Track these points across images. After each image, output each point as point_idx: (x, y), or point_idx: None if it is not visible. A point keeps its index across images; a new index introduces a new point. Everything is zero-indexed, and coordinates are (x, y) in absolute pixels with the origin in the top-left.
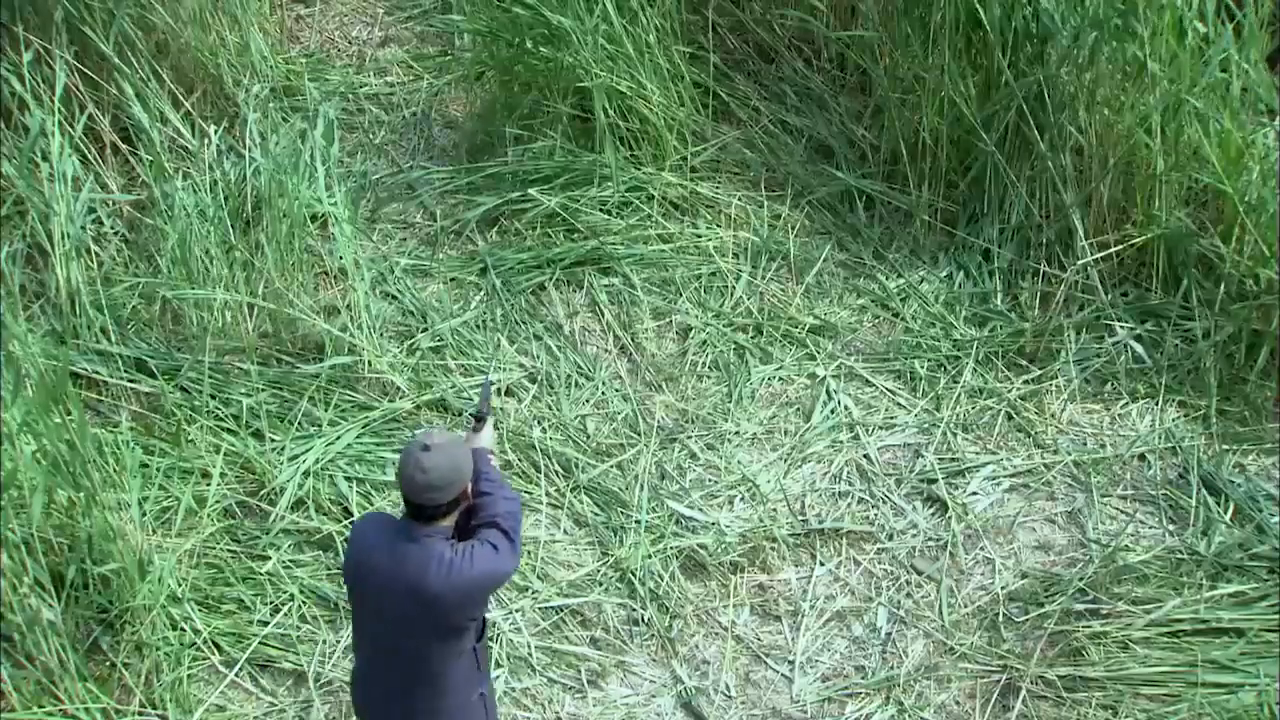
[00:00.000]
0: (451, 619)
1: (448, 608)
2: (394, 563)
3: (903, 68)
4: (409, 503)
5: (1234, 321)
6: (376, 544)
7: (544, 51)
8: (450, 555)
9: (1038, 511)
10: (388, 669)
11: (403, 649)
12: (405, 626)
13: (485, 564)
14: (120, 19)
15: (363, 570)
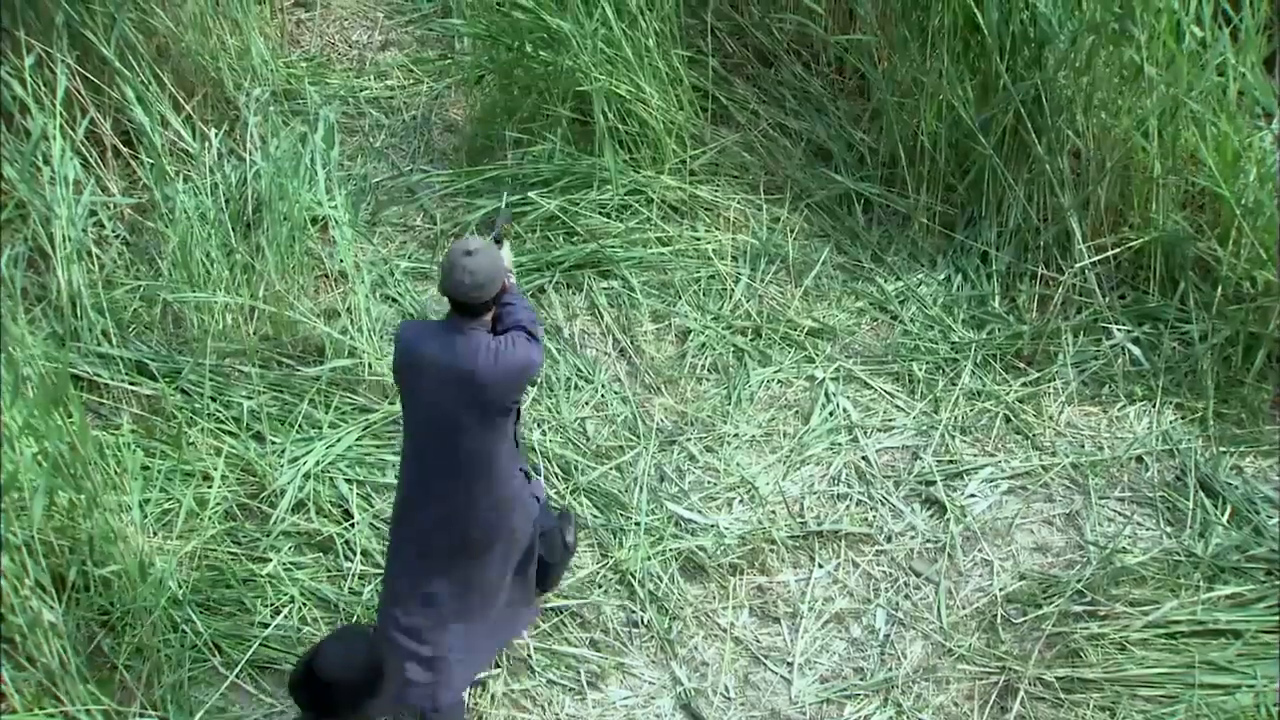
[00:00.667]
0: (501, 400)
1: (497, 390)
2: (446, 354)
3: (901, 71)
4: (456, 303)
5: (1231, 324)
6: (426, 342)
7: (543, 55)
8: (495, 343)
9: (1036, 514)
10: (445, 472)
11: (458, 445)
12: (458, 416)
13: (524, 351)
14: (121, 23)
15: (415, 367)
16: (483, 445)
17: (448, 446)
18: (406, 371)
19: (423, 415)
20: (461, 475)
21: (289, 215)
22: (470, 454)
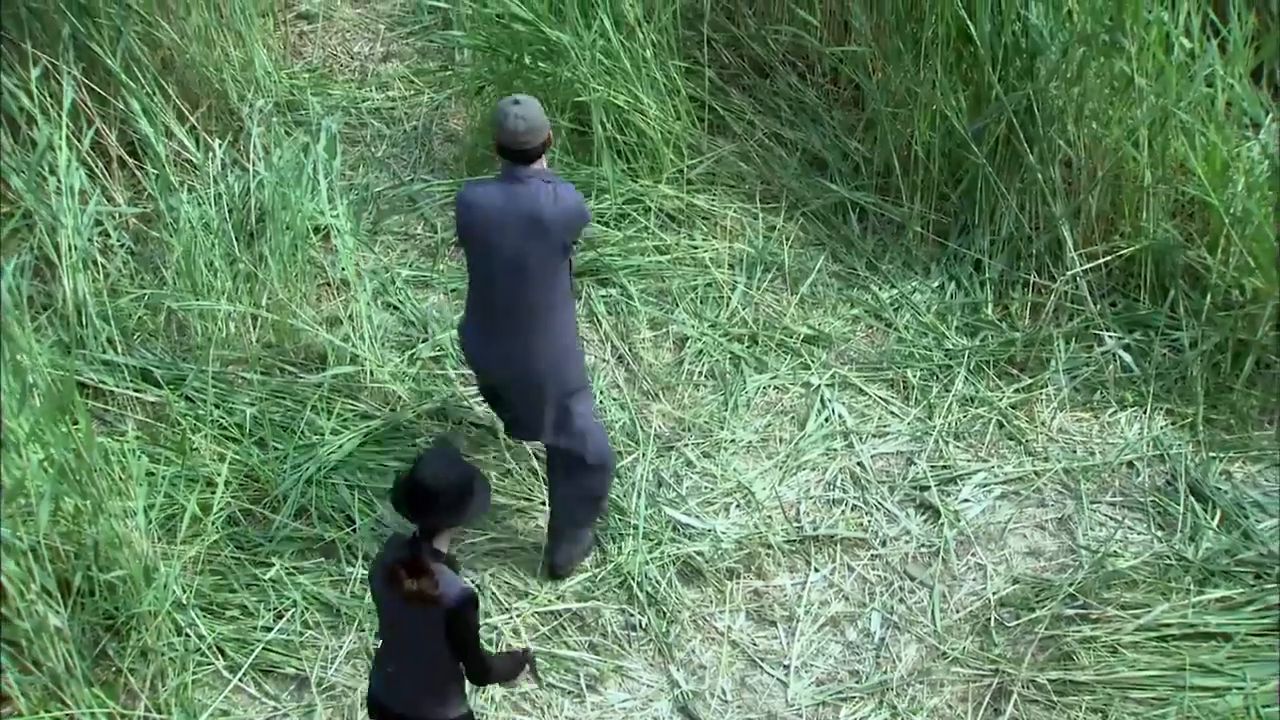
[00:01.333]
0: (562, 237)
1: (558, 227)
2: (509, 201)
3: (895, 82)
4: (511, 152)
5: (1220, 331)
6: (490, 196)
7: (542, 66)
8: (552, 187)
9: (1028, 518)
10: (510, 320)
11: (524, 292)
12: (524, 260)
13: (577, 195)
14: (127, 36)
15: (483, 221)
16: (546, 293)
17: (515, 293)
18: (474, 228)
19: (492, 267)
20: (528, 322)
21: (291, 224)
22: (535, 303)
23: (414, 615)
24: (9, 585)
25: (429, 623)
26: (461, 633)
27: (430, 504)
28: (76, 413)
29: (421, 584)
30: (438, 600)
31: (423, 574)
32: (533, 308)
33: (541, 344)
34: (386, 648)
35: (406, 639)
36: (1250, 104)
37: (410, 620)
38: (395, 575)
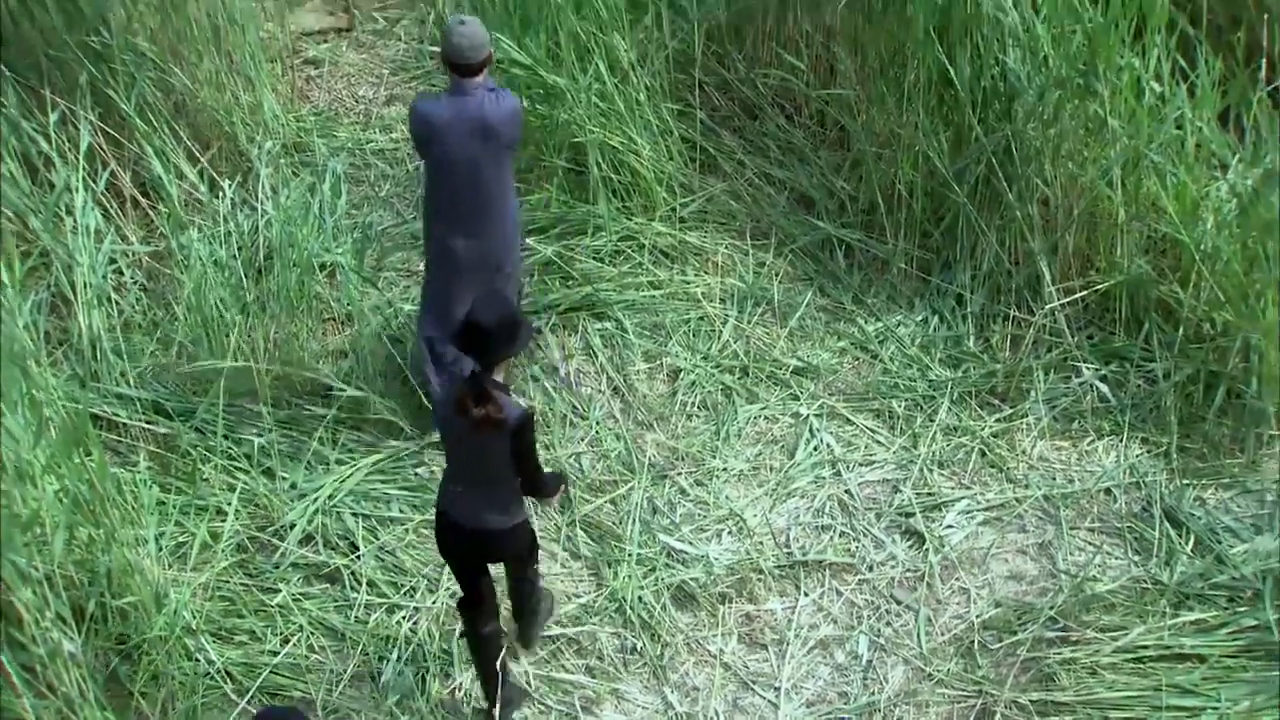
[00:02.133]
0: (508, 135)
1: (503, 126)
2: (457, 110)
3: (879, 123)
4: (457, 65)
5: (1192, 363)
6: (441, 108)
7: (541, 109)
8: (492, 94)
9: (1010, 544)
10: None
11: (479, 185)
12: (477, 158)
13: (513, 98)
14: (141, 82)
15: (437, 129)
16: (497, 185)
17: (474, 191)
18: (430, 135)
19: (450, 171)
20: (484, 215)
21: (298, 261)
22: (488, 194)
23: (480, 438)
24: (25, 613)
25: (493, 442)
26: (522, 447)
27: (487, 340)
28: (90, 445)
29: (488, 409)
30: (503, 421)
31: (488, 400)
32: (487, 198)
33: (496, 229)
34: (453, 471)
35: (473, 460)
36: (1218, 145)
37: (476, 443)
38: (464, 404)
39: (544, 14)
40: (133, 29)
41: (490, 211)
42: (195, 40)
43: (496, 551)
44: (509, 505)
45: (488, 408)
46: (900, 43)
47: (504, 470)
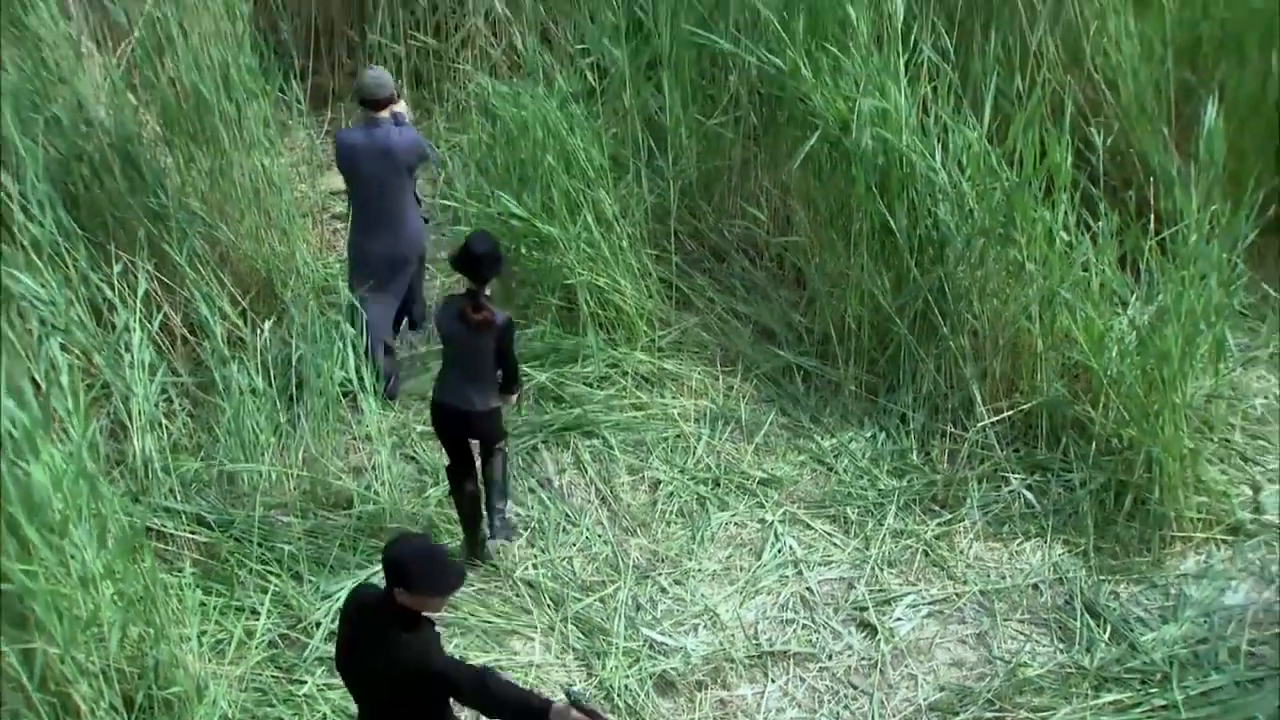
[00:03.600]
0: (408, 160)
1: (404, 153)
2: (368, 139)
3: (830, 266)
4: (366, 101)
5: (1104, 473)
6: (356, 137)
7: (536, 255)
8: (396, 127)
9: (952, 634)
10: (382, 219)
11: (384, 199)
12: (386, 179)
13: (413, 132)
14: (192, 236)
15: (354, 155)
16: (399, 199)
17: (382, 202)
18: (347, 161)
19: (364, 185)
20: (391, 221)
21: (324, 390)
22: (393, 207)
23: (474, 338)
24: (82, 703)
25: (484, 340)
26: (507, 343)
27: (479, 262)
28: (143, 553)
29: (483, 314)
30: (494, 322)
31: (482, 308)
32: (392, 211)
33: (402, 233)
34: (448, 366)
35: (467, 355)
36: (1118, 286)
37: (471, 342)
38: (466, 313)
39: (538, 174)
40: (186, 192)
41: (395, 218)
42: (239, 200)
43: (476, 427)
44: (489, 394)
45: (483, 313)
46: (846, 197)
47: (489, 366)
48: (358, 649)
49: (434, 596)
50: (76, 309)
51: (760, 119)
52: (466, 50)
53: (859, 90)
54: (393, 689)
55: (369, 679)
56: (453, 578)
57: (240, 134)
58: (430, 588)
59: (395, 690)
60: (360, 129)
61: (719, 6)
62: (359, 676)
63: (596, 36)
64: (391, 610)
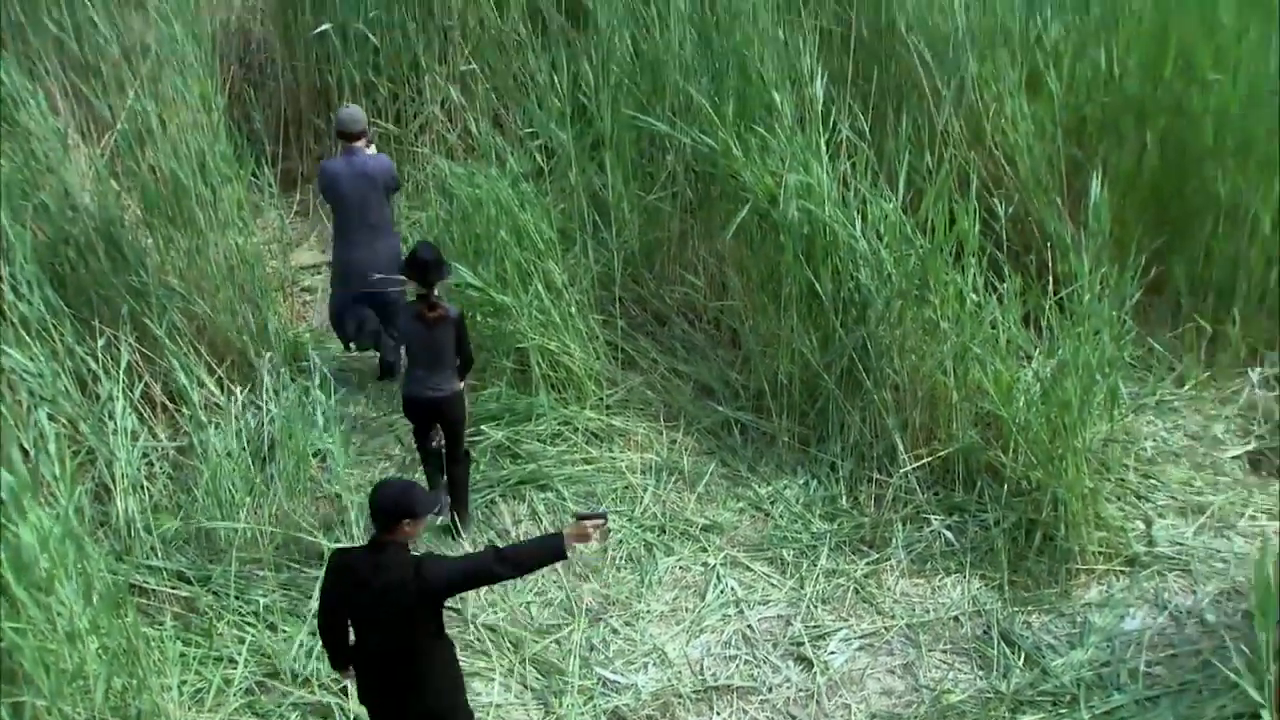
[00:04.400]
0: (387, 181)
1: (382, 175)
2: (349, 166)
3: (762, 328)
4: (344, 134)
5: (1015, 513)
6: (337, 165)
7: (492, 322)
8: (372, 155)
9: (881, 665)
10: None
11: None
12: (367, 198)
13: (387, 159)
14: (171, 311)
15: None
16: (381, 215)
17: (364, 218)
18: (334, 184)
19: (346, 204)
20: (372, 233)
21: (296, 451)
22: (376, 222)
23: (433, 333)
24: None
25: (442, 333)
26: (461, 333)
27: (426, 267)
28: (127, 608)
29: (437, 311)
30: (448, 316)
31: (436, 306)
32: (374, 227)
33: (381, 246)
34: (414, 362)
35: (427, 351)
36: (1023, 341)
37: (430, 336)
38: (421, 314)
39: (493, 247)
40: (165, 270)
41: (375, 231)
42: (215, 277)
43: (442, 411)
44: (452, 379)
45: (436, 309)
46: (776, 264)
47: (449, 355)
48: (372, 585)
49: (423, 518)
50: (63, 380)
51: (695, 194)
52: (425, 135)
53: (785, 167)
54: (421, 602)
55: (392, 606)
56: (433, 496)
57: (216, 215)
58: (426, 507)
59: (423, 605)
60: (341, 158)
61: (656, 92)
62: (376, 608)
63: (544, 121)
64: (392, 546)
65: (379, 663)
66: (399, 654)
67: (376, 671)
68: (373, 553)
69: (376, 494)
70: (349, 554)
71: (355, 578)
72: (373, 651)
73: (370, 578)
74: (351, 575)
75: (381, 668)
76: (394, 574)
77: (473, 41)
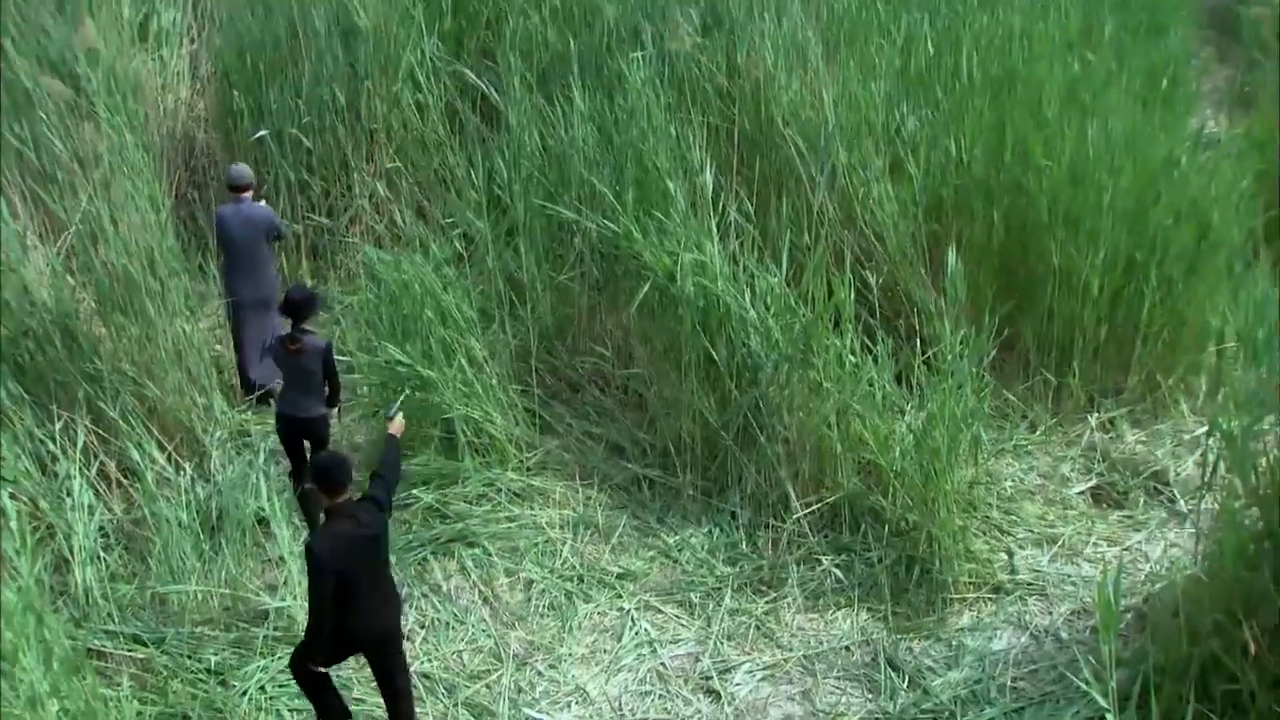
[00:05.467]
0: (269, 227)
1: (265, 221)
2: (236, 214)
3: (666, 391)
4: (232, 187)
5: (896, 550)
6: (227, 212)
7: (419, 395)
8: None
9: (782, 693)
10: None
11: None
12: (255, 244)
13: (268, 208)
14: (124, 394)
15: (226, 224)
16: (260, 254)
17: (251, 261)
18: (224, 228)
19: (235, 245)
20: (256, 273)
21: (241, 519)
22: (259, 266)
23: (296, 361)
24: None
25: (309, 362)
26: (329, 361)
27: (296, 306)
28: (85, 671)
29: (297, 344)
30: (306, 349)
31: (297, 340)
32: (256, 264)
33: (263, 278)
34: (286, 386)
35: (294, 376)
36: (896, 397)
37: (297, 364)
38: (285, 344)
39: (419, 326)
40: (118, 357)
41: (258, 269)
42: (164, 362)
43: (306, 430)
44: (316, 404)
45: (298, 344)
46: (675, 334)
47: (315, 382)
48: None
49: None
50: (23, 461)
51: (602, 273)
52: (355, 226)
53: (680, 247)
54: (386, 528)
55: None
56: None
57: (164, 305)
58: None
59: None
60: (230, 207)
61: (563, 183)
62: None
63: (463, 211)
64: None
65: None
66: (386, 580)
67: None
68: (344, 517)
69: (330, 470)
70: (331, 530)
71: (350, 542)
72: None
73: (359, 531)
74: (346, 541)
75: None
76: (367, 517)
77: (396, 141)
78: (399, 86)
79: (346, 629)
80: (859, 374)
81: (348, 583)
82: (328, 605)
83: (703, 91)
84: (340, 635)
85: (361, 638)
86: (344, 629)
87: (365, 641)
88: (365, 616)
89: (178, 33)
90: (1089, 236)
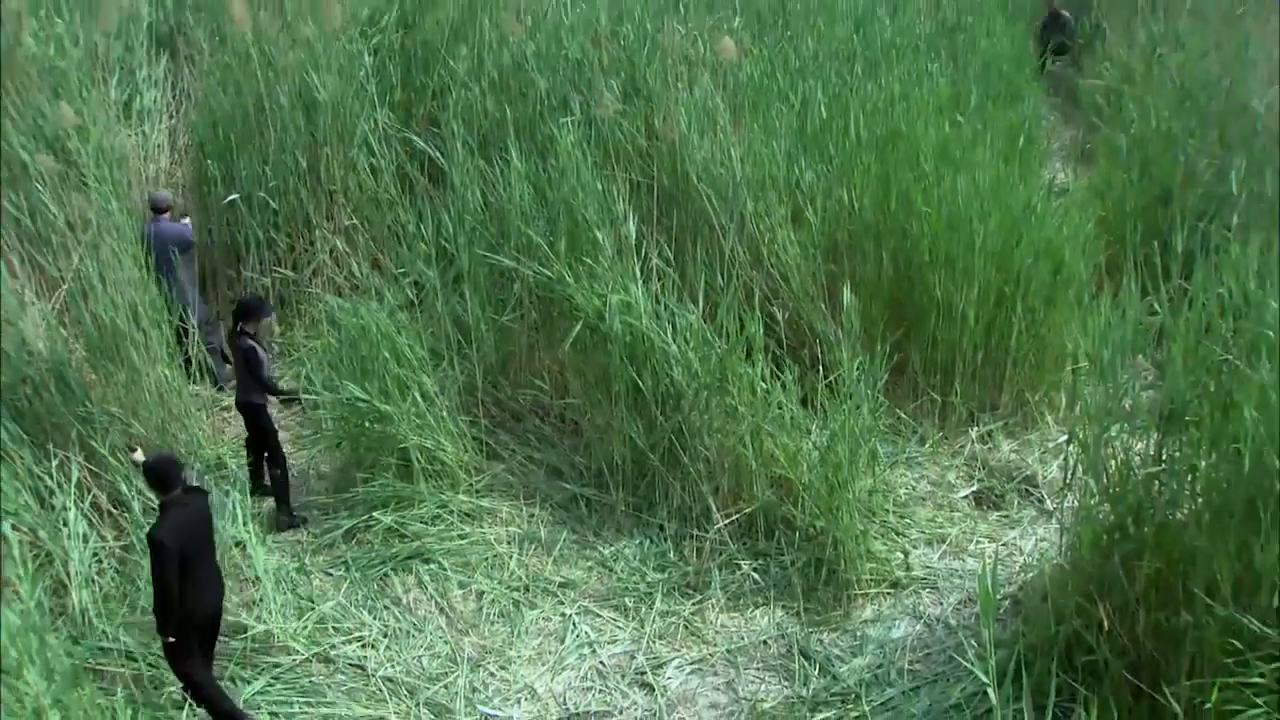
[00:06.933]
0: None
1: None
2: (157, 229)
3: (598, 419)
4: (154, 209)
5: (806, 554)
6: (150, 227)
7: (377, 428)
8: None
9: (709, 684)
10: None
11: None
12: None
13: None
14: (113, 432)
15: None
16: (171, 265)
17: (166, 268)
18: (148, 241)
19: (155, 257)
20: (170, 274)
21: (219, 543)
22: (171, 269)
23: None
24: None
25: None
26: (253, 364)
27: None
28: (83, 684)
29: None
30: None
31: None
32: (168, 268)
33: (174, 278)
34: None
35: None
36: (803, 419)
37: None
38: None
39: (376, 366)
40: (106, 399)
41: (171, 273)
42: (148, 403)
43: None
44: (245, 392)
45: (237, 340)
46: (606, 368)
47: (244, 374)
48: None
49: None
50: (23, 496)
51: (539, 314)
52: (317, 278)
53: (609, 290)
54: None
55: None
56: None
57: (147, 353)
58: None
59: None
60: (151, 224)
61: (503, 235)
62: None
63: (413, 262)
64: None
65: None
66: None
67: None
68: (181, 506)
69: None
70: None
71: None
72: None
73: (197, 515)
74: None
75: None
76: (201, 500)
77: (354, 201)
78: (355, 152)
79: (186, 604)
80: (769, 399)
81: (186, 561)
82: (173, 581)
83: (625, 152)
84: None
85: (200, 613)
86: (184, 604)
87: (202, 618)
88: (201, 589)
89: (158, 110)
90: (964, 273)
